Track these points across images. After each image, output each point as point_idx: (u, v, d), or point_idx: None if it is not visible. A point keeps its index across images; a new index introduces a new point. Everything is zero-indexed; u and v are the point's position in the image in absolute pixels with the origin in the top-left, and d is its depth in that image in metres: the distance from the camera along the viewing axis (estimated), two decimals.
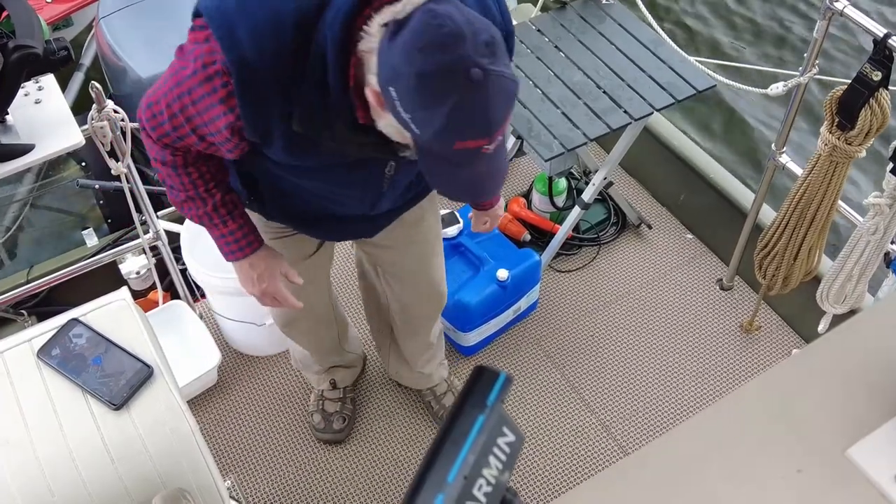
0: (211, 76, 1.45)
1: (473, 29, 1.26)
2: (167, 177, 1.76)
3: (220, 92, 1.46)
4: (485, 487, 0.73)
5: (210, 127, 1.54)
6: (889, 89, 2.15)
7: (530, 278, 2.88)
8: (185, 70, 1.49)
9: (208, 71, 1.45)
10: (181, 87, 1.51)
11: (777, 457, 1.02)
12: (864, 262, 2.38)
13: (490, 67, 1.25)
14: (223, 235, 1.84)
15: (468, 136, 1.30)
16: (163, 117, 1.59)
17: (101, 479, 1.55)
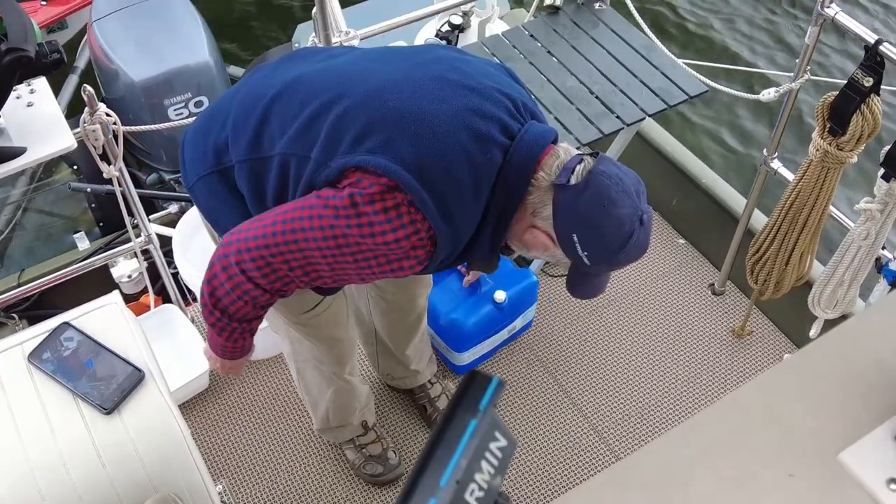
0: (415, 245, 1.56)
1: (633, 180, 1.62)
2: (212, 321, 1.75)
3: (419, 254, 1.58)
4: (477, 492, 0.73)
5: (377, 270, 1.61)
6: (880, 95, 2.16)
7: (527, 299, 2.86)
8: (379, 237, 1.53)
9: (412, 241, 1.55)
10: (364, 253, 1.56)
11: (769, 461, 1.02)
12: (855, 267, 2.39)
13: (647, 211, 1.63)
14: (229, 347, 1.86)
15: (630, 261, 1.66)
16: (291, 269, 1.60)
17: (92, 484, 1.55)
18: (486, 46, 2.94)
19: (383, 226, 1.52)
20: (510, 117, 1.62)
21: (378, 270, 1.60)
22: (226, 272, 1.64)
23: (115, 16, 3.43)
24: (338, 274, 1.62)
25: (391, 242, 1.54)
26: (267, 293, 1.66)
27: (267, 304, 1.71)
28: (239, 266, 1.61)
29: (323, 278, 1.64)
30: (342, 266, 1.59)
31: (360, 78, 1.65)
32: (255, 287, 1.64)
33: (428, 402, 2.79)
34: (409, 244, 1.55)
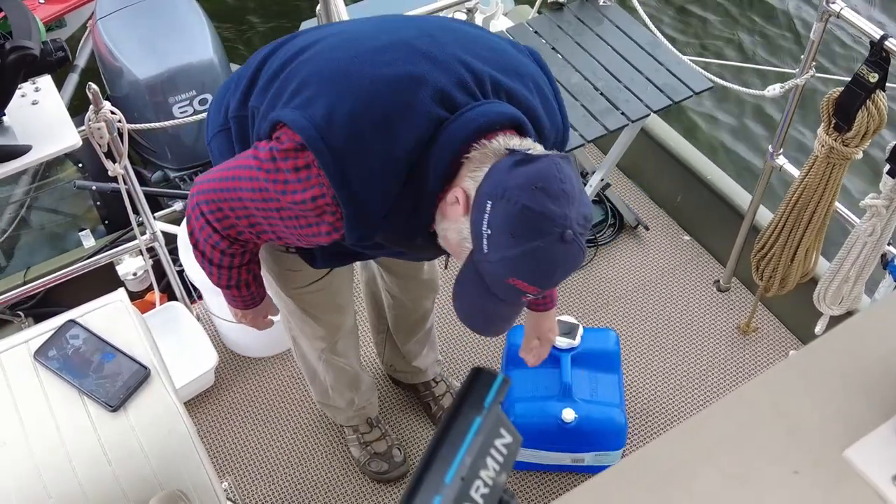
0: (322, 209, 1.49)
1: (582, 199, 1.41)
2: (209, 272, 1.79)
3: (327, 217, 1.50)
4: (482, 489, 0.73)
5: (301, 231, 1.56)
6: (886, 91, 2.16)
7: (608, 439, 2.52)
8: (285, 196, 1.50)
9: (318, 203, 1.48)
10: (277, 206, 1.53)
11: (774, 458, 1.02)
12: (860, 263, 2.39)
13: (578, 237, 1.39)
14: (238, 297, 1.93)
15: (527, 279, 1.41)
16: (236, 215, 1.60)
17: (97, 481, 1.55)
18: None
19: (294, 185, 1.48)
20: (460, 90, 1.49)
21: (300, 233, 1.56)
22: (192, 213, 1.67)
23: (120, 14, 3.43)
24: (275, 229, 1.59)
25: (299, 203, 1.49)
26: (226, 240, 1.67)
27: (232, 252, 1.72)
28: (199, 208, 1.64)
29: (267, 233, 1.62)
30: (274, 221, 1.57)
31: (332, 37, 1.62)
32: (214, 232, 1.65)
33: (432, 399, 2.79)
34: (316, 206, 1.49)
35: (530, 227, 1.36)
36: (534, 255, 1.37)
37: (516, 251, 1.37)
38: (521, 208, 1.35)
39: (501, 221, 1.37)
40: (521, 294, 1.44)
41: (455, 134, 1.45)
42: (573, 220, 1.37)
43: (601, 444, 2.53)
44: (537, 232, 1.36)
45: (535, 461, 2.60)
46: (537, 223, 1.36)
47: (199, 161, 3.47)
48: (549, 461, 2.60)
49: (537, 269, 1.40)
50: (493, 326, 1.58)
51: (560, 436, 2.46)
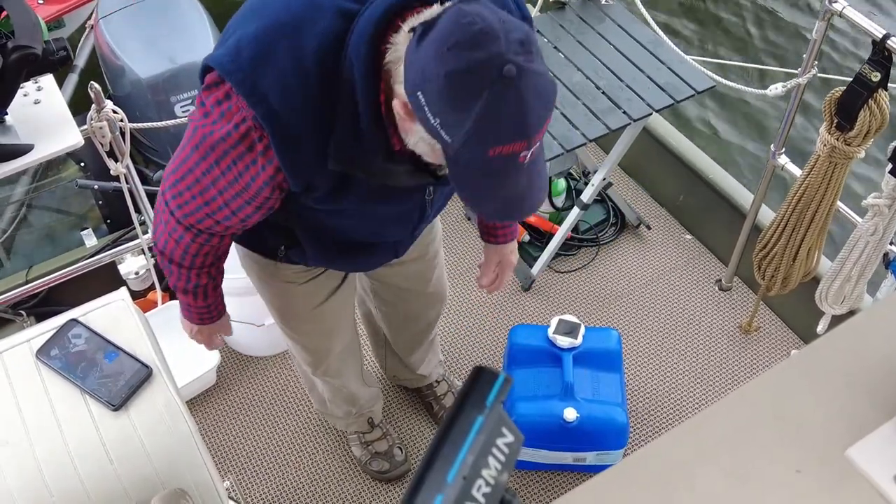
0: (244, 134, 1.39)
1: (506, 27, 1.19)
2: (168, 272, 1.75)
3: (257, 147, 1.40)
4: (484, 488, 0.73)
5: (248, 192, 1.48)
6: (888, 90, 2.16)
7: (609, 438, 2.52)
8: (213, 135, 1.42)
9: (241, 130, 1.39)
10: (213, 154, 1.44)
11: (776, 457, 1.02)
12: (862, 262, 2.39)
13: (525, 65, 1.18)
14: (194, 307, 1.87)
15: (503, 139, 1.21)
16: (192, 193, 1.53)
17: (99, 480, 1.55)
18: None
19: (219, 120, 1.40)
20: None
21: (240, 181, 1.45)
22: (159, 208, 1.62)
23: (122, 13, 3.43)
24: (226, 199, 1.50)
25: (226, 136, 1.40)
26: (189, 231, 1.60)
27: (196, 249, 1.65)
28: (164, 198, 1.59)
29: (221, 209, 1.52)
30: (216, 183, 1.48)
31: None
32: (177, 224, 1.60)
33: (434, 399, 2.79)
34: (240, 136, 1.39)
35: (466, 90, 1.18)
36: (491, 112, 1.19)
37: (471, 121, 1.19)
38: (445, 79, 1.17)
39: (439, 103, 1.20)
40: (515, 158, 1.24)
41: (367, 20, 1.30)
42: (507, 52, 1.17)
43: (603, 443, 2.52)
44: (475, 88, 1.17)
45: (537, 460, 2.60)
46: (469, 80, 1.18)
47: None
48: (551, 460, 2.59)
49: (505, 123, 1.20)
50: (527, 203, 1.34)
51: (562, 435, 2.46)
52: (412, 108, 1.25)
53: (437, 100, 1.20)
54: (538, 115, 1.22)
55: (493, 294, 2.32)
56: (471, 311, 3.09)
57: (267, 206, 1.54)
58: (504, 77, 1.17)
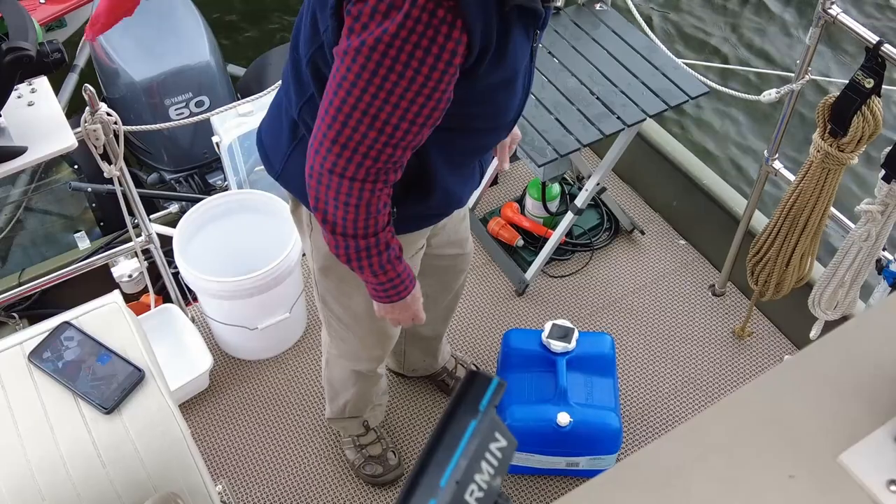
0: (430, 10, 1.34)
1: None
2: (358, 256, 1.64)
3: (440, 13, 1.35)
4: (477, 493, 0.73)
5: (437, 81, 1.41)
6: (881, 96, 2.16)
7: (603, 443, 2.52)
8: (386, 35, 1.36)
9: (419, 3, 1.33)
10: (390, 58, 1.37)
11: (769, 463, 1.02)
12: (855, 268, 2.39)
13: None
14: (388, 284, 1.73)
15: None
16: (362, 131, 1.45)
17: (92, 483, 1.55)
18: None
19: (389, 13, 1.34)
20: None
21: (429, 70, 1.39)
22: (321, 185, 1.53)
23: None
24: (405, 110, 1.44)
25: (406, 21, 1.34)
26: (367, 183, 1.52)
27: (378, 199, 1.56)
28: (325, 167, 1.51)
29: (399, 126, 1.46)
30: (397, 94, 1.41)
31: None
32: (352, 182, 1.51)
33: (448, 376, 2.82)
34: (423, 10, 1.33)
35: None
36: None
37: None
38: None
39: None
40: None
41: None
42: None
43: (596, 448, 2.52)
44: None
45: (530, 465, 2.59)
46: None
47: (195, 163, 3.48)
48: (544, 465, 2.59)
49: None
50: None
51: (555, 439, 2.46)
52: None
53: None
54: None
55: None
56: (464, 315, 3.09)
57: (446, 98, 1.47)
58: None
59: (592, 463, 2.56)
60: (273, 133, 1.82)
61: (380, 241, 1.64)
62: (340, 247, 1.62)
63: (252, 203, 2.85)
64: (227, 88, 3.45)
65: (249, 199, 2.86)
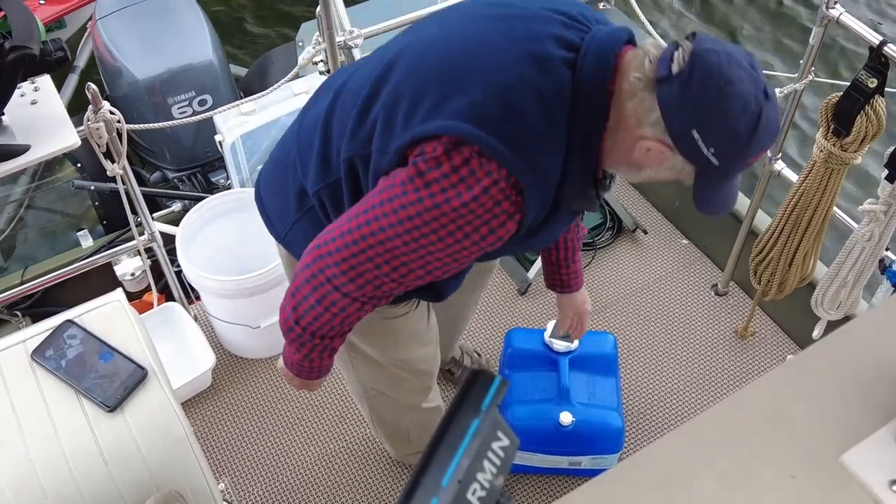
0: (495, 198, 1.40)
1: (743, 54, 1.38)
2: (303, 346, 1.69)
3: (506, 206, 1.41)
4: (479, 492, 0.73)
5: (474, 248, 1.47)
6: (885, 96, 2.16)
7: (604, 442, 2.50)
8: (448, 203, 1.40)
9: (492, 193, 1.39)
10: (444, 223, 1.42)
11: (771, 462, 1.02)
12: (858, 268, 2.39)
13: (768, 82, 1.38)
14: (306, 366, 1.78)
15: (765, 147, 1.41)
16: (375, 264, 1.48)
17: (94, 481, 1.55)
18: None
19: (457, 187, 1.38)
20: (567, 29, 1.45)
21: (468, 244, 1.44)
22: (310, 284, 1.55)
23: (120, 14, 3.43)
24: (427, 262, 1.48)
25: (470, 202, 1.39)
26: (357, 302, 1.55)
27: (356, 317, 1.61)
28: (324, 274, 1.52)
29: (414, 272, 1.50)
30: (428, 251, 1.45)
31: (398, 54, 1.53)
32: (344, 297, 1.54)
33: (454, 365, 2.82)
34: (491, 199, 1.39)
35: (747, 119, 1.35)
36: (762, 133, 1.37)
37: (748, 144, 1.37)
38: (730, 113, 1.34)
39: (721, 136, 1.36)
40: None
41: (596, 64, 1.41)
42: (760, 75, 1.38)
43: (598, 447, 2.52)
44: (754, 116, 1.35)
45: (533, 464, 2.59)
46: (749, 110, 1.35)
47: (198, 162, 3.48)
48: (547, 464, 2.59)
49: (765, 137, 1.39)
50: (735, 197, 1.54)
51: (557, 439, 2.45)
52: (679, 144, 1.38)
53: (716, 135, 1.36)
54: (777, 122, 1.43)
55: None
56: None
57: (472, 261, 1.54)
58: (767, 96, 1.37)
59: (595, 462, 2.56)
60: (276, 194, 1.80)
61: (328, 345, 1.69)
62: (293, 330, 1.65)
63: (254, 202, 2.84)
64: (230, 87, 3.45)
65: (252, 198, 2.85)
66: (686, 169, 1.43)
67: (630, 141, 1.43)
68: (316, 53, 2.41)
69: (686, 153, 1.39)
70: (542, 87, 1.40)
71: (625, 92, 1.40)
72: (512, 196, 1.40)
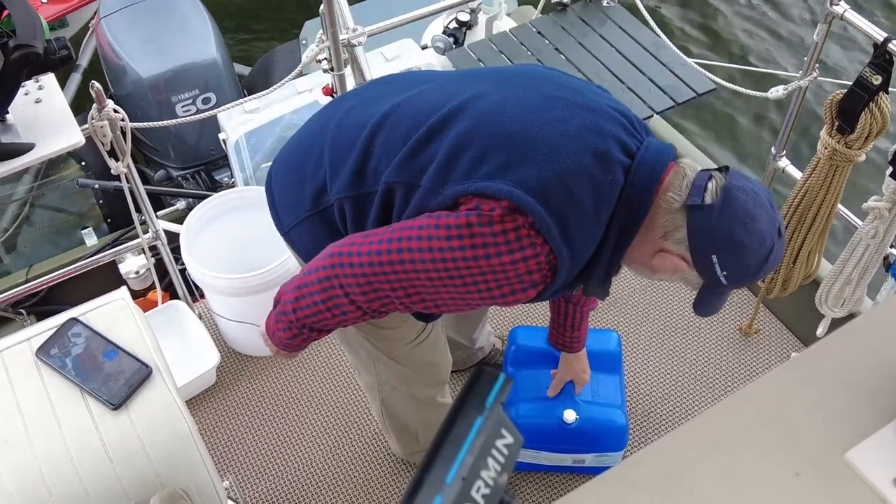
0: (530, 269, 1.49)
1: (765, 192, 1.55)
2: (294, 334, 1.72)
3: (535, 278, 1.51)
4: (483, 489, 0.73)
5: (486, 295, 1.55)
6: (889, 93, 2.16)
7: (608, 440, 2.50)
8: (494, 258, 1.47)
9: (529, 265, 1.49)
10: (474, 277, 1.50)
11: (775, 460, 1.01)
12: (863, 265, 2.39)
13: (782, 220, 1.58)
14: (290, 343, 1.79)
15: (769, 271, 1.59)
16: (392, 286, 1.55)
17: (99, 479, 1.55)
18: (493, 44, 2.94)
19: (500, 247, 1.47)
20: (627, 135, 1.57)
21: (486, 296, 1.54)
22: (321, 285, 1.60)
23: (124, 12, 3.44)
24: (441, 299, 1.57)
25: (507, 264, 1.48)
26: (360, 311, 1.61)
27: (352, 322, 1.66)
28: (339, 280, 1.57)
29: (424, 303, 1.59)
30: (448, 291, 1.54)
31: (470, 101, 1.59)
32: (351, 303, 1.59)
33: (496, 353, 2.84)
34: (526, 267, 1.48)
35: (761, 253, 1.53)
36: (770, 263, 1.56)
37: (757, 272, 1.56)
38: (748, 247, 1.52)
39: (736, 264, 1.54)
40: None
41: (647, 176, 1.53)
42: (777, 214, 1.55)
43: (602, 445, 2.51)
44: (767, 251, 1.53)
45: (537, 462, 2.59)
46: (765, 246, 1.52)
47: (202, 160, 3.48)
48: (551, 462, 2.59)
49: (770, 268, 1.57)
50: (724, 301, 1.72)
51: (561, 436, 2.45)
52: (697, 263, 1.55)
53: (732, 263, 1.53)
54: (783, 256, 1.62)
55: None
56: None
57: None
58: (780, 236, 1.55)
59: (599, 460, 2.56)
60: (288, 188, 1.81)
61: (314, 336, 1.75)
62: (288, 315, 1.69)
63: (258, 200, 2.85)
64: (234, 85, 3.45)
65: (256, 196, 2.86)
66: (695, 281, 1.61)
67: (652, 248, 1.59)
68: (320, 51, 2.42)
69: (701, 271, 1.56)
70: (600, 182, 1.51)
71: (661, 207, 1.54)
72: (544, 270, 1.51)
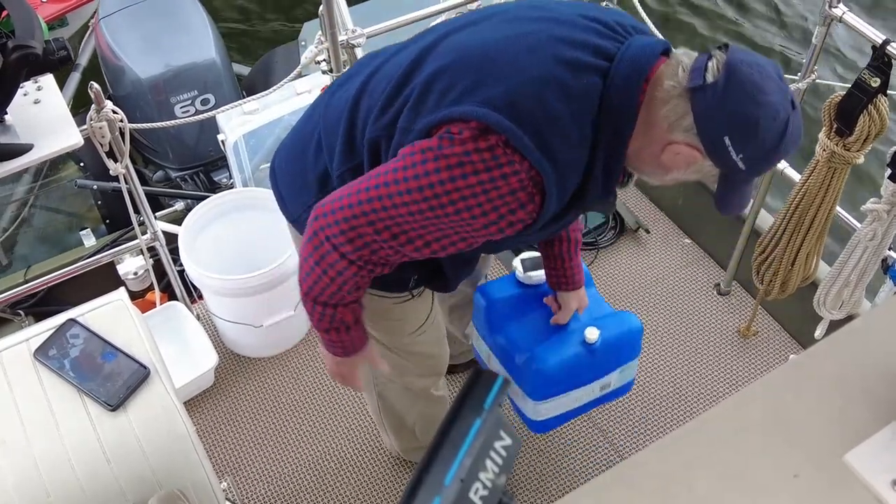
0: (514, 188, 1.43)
1: (771, 65, 1.45)
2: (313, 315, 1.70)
3: (521, 197, 1.45)
4: (481, 491, 0.73)
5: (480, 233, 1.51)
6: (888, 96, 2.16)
7: (628, 348, 2.34)
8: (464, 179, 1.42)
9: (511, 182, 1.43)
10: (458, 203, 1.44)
11: (774, 462, 1.02)
12: (861, 267, 2.39)
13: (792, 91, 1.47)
14: (337, 341, 1.78)
15: (787, 153, 1.48)
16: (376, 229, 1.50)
17: (97, 480, 1.55)
18: None
19: (476, 165, 1.41)
20: (603, 38, 1.50)
21: (476, 225, 1.47)
22: (311, 243, 1.57)
23: (123, 13, 3.44)
24: (431, 235, 1.51)
25: (487, 183, 1.42)
26: (353, 266, 1.56)
27: (353, 283, 1.61)
28: (324, 233, 1.54)
29: (413, 243, 1.53)
30: (433, 223, 1.48)
31: (437, 42, 1.58)
32: (341, 258, 1.54)
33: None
34: (508, 186, 1.42)
35: (776, 127, 1.42)
36: (788, 140, 1.44)
37: (775, 150, 1.44)
38: (761, 122, 1.40)
39: (751, 143, 1.42)
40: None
41: (628, 76, 1.46)
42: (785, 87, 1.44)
43: (626, 353, 2.35)
44: (782, 124, 1.42)
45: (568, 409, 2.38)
46: (779, 119, 1.41)
47: (201, 161, 3.48)
48: (581, 401, 2.37)
49: (790, 145, 1.46)
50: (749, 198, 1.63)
51: (590, 360, 2.26)
52: (710, 149, 1.44)
53: (746, 142, 1.42)
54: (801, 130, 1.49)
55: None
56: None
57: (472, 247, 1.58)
58: (794, 108, 1.43)
59: (622, 377, 2.39)
60: (294, 176, 1.80)
61: (334, 315, 1.70)
62: (303, 299, 1.68)
63: (257, 201, 2.85)
64: (233, 86, 3.45)
65: (254, 197, 2.86)
66: (712, 172, 1.51)
67: (660, 145, 1.48)
68: (319, 53, 2.42)
69: (715, 158, 1.45)
70: (571, 87, 1.44)
71: (657, 99, 1.45)
72: (529, 188, 1.44)
